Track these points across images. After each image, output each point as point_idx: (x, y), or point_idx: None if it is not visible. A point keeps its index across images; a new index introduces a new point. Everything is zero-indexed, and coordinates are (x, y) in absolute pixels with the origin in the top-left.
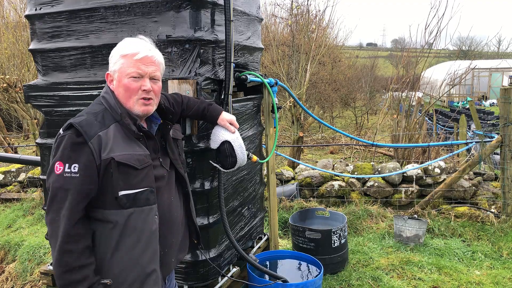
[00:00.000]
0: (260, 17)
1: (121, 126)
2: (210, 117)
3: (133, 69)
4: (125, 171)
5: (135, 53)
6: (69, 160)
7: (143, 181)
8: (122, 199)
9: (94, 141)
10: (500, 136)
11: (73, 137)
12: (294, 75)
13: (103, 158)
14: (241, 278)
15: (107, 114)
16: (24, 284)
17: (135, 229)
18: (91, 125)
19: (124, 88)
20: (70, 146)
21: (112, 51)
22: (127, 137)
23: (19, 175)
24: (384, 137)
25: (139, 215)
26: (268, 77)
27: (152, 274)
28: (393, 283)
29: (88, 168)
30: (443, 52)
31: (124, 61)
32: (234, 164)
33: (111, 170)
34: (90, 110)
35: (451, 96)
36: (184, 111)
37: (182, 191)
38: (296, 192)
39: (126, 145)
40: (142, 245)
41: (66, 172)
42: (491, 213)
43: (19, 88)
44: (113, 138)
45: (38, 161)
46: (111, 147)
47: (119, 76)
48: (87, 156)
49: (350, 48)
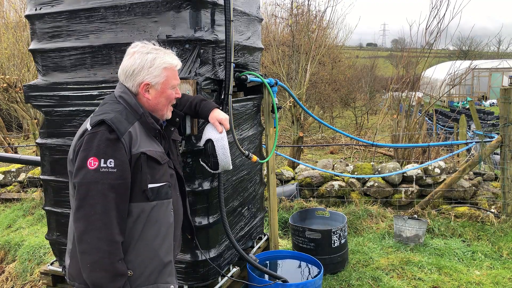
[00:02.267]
0: (260, 17)
1: (141, 124)
2: (202, 113)
3: (176, 81)
4: (152, 166)
5: (174, 65)
6: (104, 156)
7: (164, 176)
8: (149, 192)
9: (126, 137)
10: (500, 136)
11: (107, 133)
12: (294, 75)
13: (133, 153)
14: (241, 278)
15: (128, 113)
16: (24, 284)
17: (156, 221)
18: (121, 122)
19: (166, 98)
20: (105, 142)
21: (146, 61)
22: (147, 135)
23: (19, 175)
24: (384, 137)
25: (160, 208)
26: (268, 77)
27: (168, 265)
28: (393, 283)
29: (124, 163)
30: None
31: (168, 73)
32: (217, 166)
33: (141, 164)
34: (112, 109)
35: (451, 96)
36: (177, 106)
37: (180, 189)
38: (296, 192)
39: (148, 142)
40: (161, 237)
41: (102, 167)
42: (491, 213)
43: (19, 88)
44: (140, 134)
45: (38, 161)
46: (139, 143)
47: (163, 88)
48: (122, 152)
49: (350, 48)
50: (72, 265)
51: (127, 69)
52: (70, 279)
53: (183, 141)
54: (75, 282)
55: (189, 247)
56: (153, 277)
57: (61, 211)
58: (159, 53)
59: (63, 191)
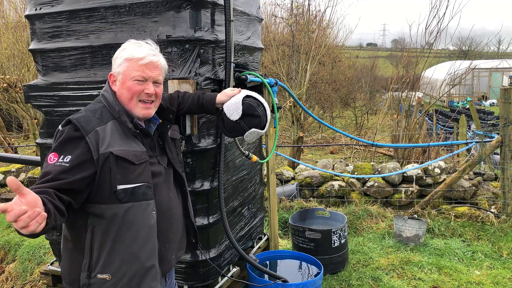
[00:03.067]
0: (260, 17)
1: (118, 123)
2: (207, 102)
3: (137, 73)
4: (123, 166)
5: (140, 58)
6: (63, 152)
7: (140, 176)
8: (120, 193)
9: (91, 135)
10: (500, 136)
11: (71, 132)
12: (294, 75)
13: (101, 153)
14: (241, 278)
15: (105, 111)
16: (24, 284)
17: (133, 224)
18: (89, 121)
19: (127, 90)
20: (67, 139)
21: (117, 53)
22: (124, 134)
23: (19, 175)
24: (384, 137)
25: (137, 210)
26: (268, 77)
27: (151, 269)
28: (393, 283)
29: (81, 162)
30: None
31: (129, 64)
32: (265, 113)
33: (110, 164)
34: (89, 108)
35: (451, 96)
36: (181, 104)
37: (180, 189)
38: (296, 192)
39: (123, 141)
40: (141, 240)
41: (58, 162)
42: (491, 213)
43: (19, 88)
44: (111, 134)
45: (38, 161)
46: (109, 142)
47: (123, 78)
48: (82, 150)
49: (350, 48)
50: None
51: None
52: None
53: (183, 141)
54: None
55: (189, 247)
56: (134, 282)
57: None
58: (131, 46)
59: None
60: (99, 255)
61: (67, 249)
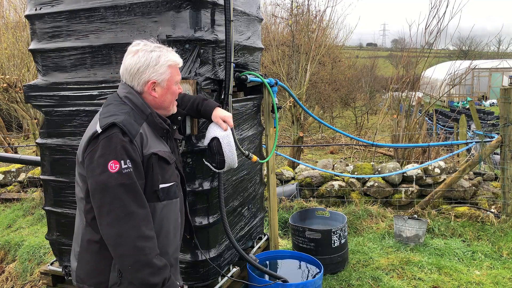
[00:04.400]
0: (260, 17)
1: (148, 125)
2: (204, 112)
3: (179, 77)
4: (162, 166)
5: (179, 63)
6: (124, 157)
7: (172, 176)
8: (160, 192)
9: (138, 138)
10: (500, 136)
11: (120, 136)
12: (294, 75)
13: (144, 154)
14: (241, 278)
15: (135, 114)
16: (24, 284)
17: (167, 220)
18: (131, 124)
19: (172, 94)
20: (121, 144)
21: (151, 60)
22: (155, 135)
23: (19, 175)
24: (384, 137)
25: (169, 207)
26: (268, 77)
27: (175, 263)
28: (393, 283)
29: (137, 164)
30: (443, 52)
31: (172, 70)
32: (223, 164)
33: (152, 164)
34: (120, 110)
35: (451, 96)
36: (180, 106)
37: (182, 188)
38: (296, 192)
39: (157, 142)
40: (171, 235)
41: (124, 169)
42: (491, 213)
43: (19, 88)
44: (149, 135)
45: (38, 161)
46: (150, 144)
47: (169, 84)
48: (135, 153)
49: (350, 48)
50: (80, 268)
51: (131, 68)
52: (78, 282)
53: (183, 141)
54: (84, 284)
55: (189, 247)
56: None
57: (61, 211)
58: (162, 51)
59: (63, 191)
60: None
61: (92, 252)
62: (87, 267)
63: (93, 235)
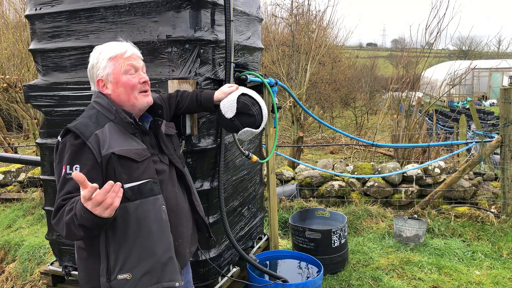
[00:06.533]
0: (260, 17)
1: (115, 124)
2: (205, 99)
3: (128, 66)
4: (126, 165)
5: (123, 52)
6: (71, 162)
7: (145, 173)
8: (128, 191)
9: (92, 140)
10: (500, 136)
11: (72, 140)
12: (294, 75)
13: (103, 155)
14: (241, 278)
15: (100, 116)
16: (24, 284)
17: (145, 220)
18: (87, 126)
19: (124, 86)
20: (70, 148)
21: (95, 59)
22: (123, 134)
23: (19, 175)
24: (384, 137)
25: (146, 206)
26: (268, 77)
27: (169, 262)
28: (393, 283)
29: (88, 166)
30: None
31: (115, 62)
32: (261, 112)
33: (113, 165)
34: (84, 115)
35: (451, 96)
36: (180, 103)
37: (184, 185)
38: (296, 192)
39: (123, 141)
40: (155, 235)
41: (68, 174)
42: (491, 213)
43: (19, 88)
44: (110, 135)
45: (38, 161)
46: (109, 144)
47: (115, 77)
48: (87, 155)
49: (350, 48)
50: (78, 273)
51: (88, 73)
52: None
53: (183, 141)
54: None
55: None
56: (155, 277)
57: None
58: (106, 46)
59: None
60: (116, 257)
61: (82, 258)
62: (81, 274)
63: (80, 242)
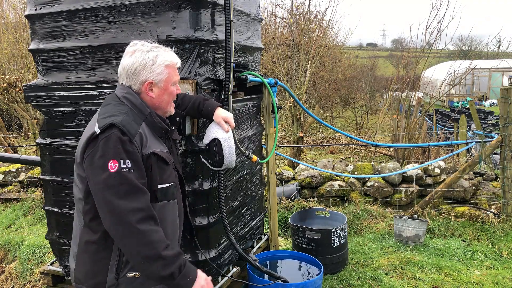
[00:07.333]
0: (260, 17)
1: (147, 125)
2: (206, 112)
3: (177, 78)
4: (161, 166)
5: (176, 63)
6: (123, 157)
7: (170, 176)
8: (159, 192)
9: (137, 138)
10: (500, 136)
11: (119, 135)
12: (294, 75)
13: (144, 154)
14: (241, 278)
15: (133, 114)
16: (24, 284)
17: (164, 221)
18: (130, 124)
19: (169, 95)
20: (120, 144)
21: (149, 60)
22: (153, 135)
23: (19, 175)
24: (384, 137)
25: (167, 208)
26: (268, 77)
27: None
28: (393, 283)
29: (138, 164)
30: (444, 52)
31: (170, 70)
32: (221, 164)
33: (151, 164)
34: (118, 110)
35: (451, 96)
36: (180, 106)
37: (182, 189)
38: (296, 192)
39: (155, 143)
40: (169, 237)
41: (123, 168)
42: (491, 213)
43: (19, 88)
44: (148, 135)
45: (38, 161)
46: (149, 144)
47: (166, 85)
48: (135, 153)
49: (350, 48)
50: (78, 269)
51: (128, 68)
52: (77, 282)
53: (183, 141)
54: (82, 285)
55: (189, 247)
56: None
57: (61, 211)
58: (159, 51)
59: (63, 191)
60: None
61: (89, 252)
62: (85, 268)
63: (90, 236)
